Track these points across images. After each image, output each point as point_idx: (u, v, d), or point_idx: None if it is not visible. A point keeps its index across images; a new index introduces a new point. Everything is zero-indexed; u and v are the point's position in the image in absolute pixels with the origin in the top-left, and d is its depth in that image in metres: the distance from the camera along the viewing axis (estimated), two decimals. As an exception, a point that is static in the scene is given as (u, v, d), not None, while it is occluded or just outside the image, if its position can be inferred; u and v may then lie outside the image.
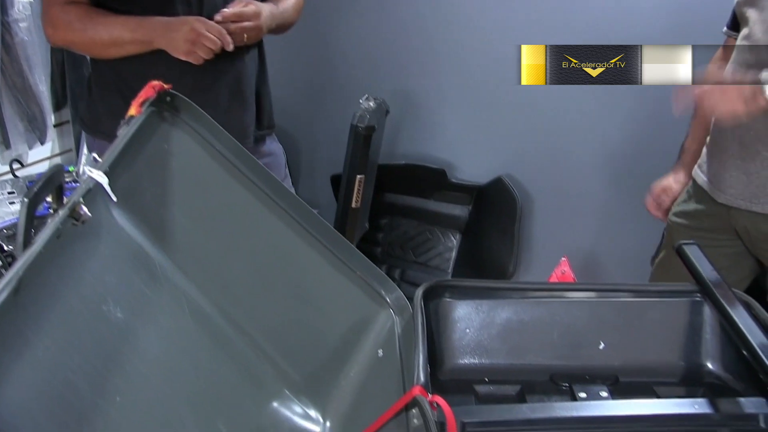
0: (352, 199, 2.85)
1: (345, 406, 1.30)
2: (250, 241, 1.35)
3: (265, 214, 1.34)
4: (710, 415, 1.18)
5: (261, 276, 1.34)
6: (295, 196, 1.36)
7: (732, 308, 1.26)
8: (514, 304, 1.39)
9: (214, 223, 1.31)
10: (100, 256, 1.05)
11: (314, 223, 1.37)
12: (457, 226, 3.19)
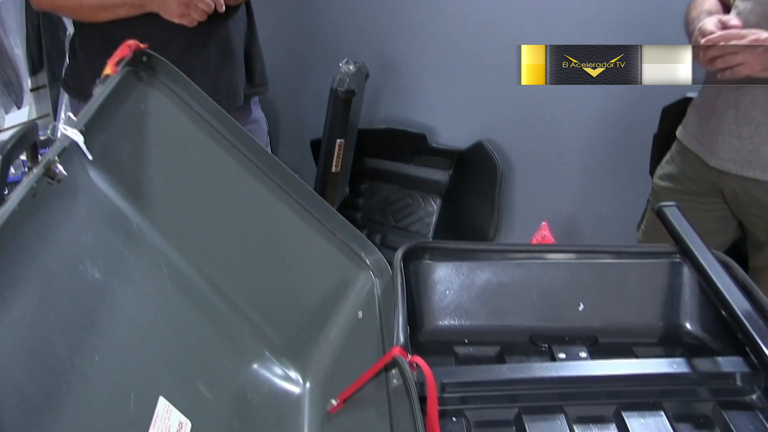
0: (332, 164, 2.84)
1: (325, 368, 1.30)
2: (229, 203, 1.34)
3: (244, 176, 1.33)
4: (688, 374, 1.19)
5: (240, 238, 1.33)
6: (274, 158, 1.35)
7: (711, 269, 1.27)
8: (493, 266, 1.39)
9: (193, 185, 1.30)
10: (76, 216, 1.04)
11: (294, 186, 1.36)
12: (437, 191, 3.18)
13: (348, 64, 2.83)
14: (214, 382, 1.11)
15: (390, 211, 3.25)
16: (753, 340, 1.12)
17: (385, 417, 1.09)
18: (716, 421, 1.16)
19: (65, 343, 0.87)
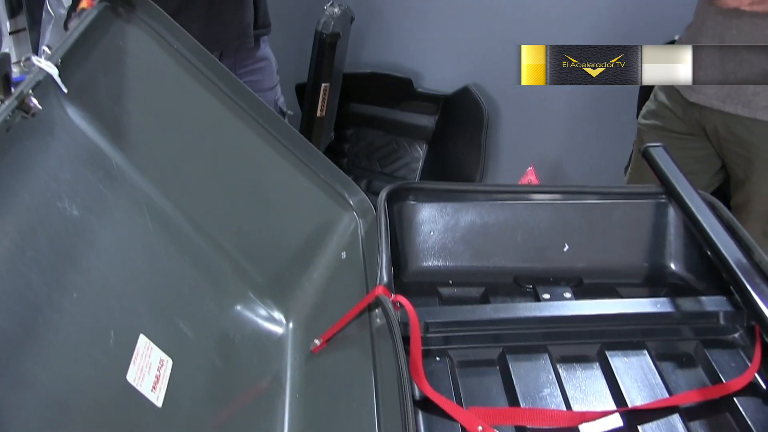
0: (317, 108, 2.81)
1: (308, 308, 1.29)
2: (210, 142, 1.32)
3: (225, 115, 1.31)
4: (672, 313, 1.20)
5: (222, 177, 1.31)
6: (257, 99, 1.33)
7: (697, 209, 1.26)
8: (478, 207, 1.38)
9: (173, 123, 1.28)
10: (54, 153, 1.02)
11: (276, 126, 1.34)
12: (423, 137, 3.16)
13: (333, 7, 2.79)
14: (195, 321, 1.10)
15: (376, 157, 3.23)
16: (737, 279, 1.12)
17: (368, 356, 1.08)
18: (699, 360, 1.17)
19: (42, 279, 0.85)
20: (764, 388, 1.10)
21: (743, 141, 1.88)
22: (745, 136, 1.88)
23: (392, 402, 0.95)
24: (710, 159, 2.03)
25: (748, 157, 1.90)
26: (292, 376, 1.18)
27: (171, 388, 0.95)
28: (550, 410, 1.06)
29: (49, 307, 0.85)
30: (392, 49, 3.13)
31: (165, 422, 0.93)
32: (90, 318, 0.90)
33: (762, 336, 1.11)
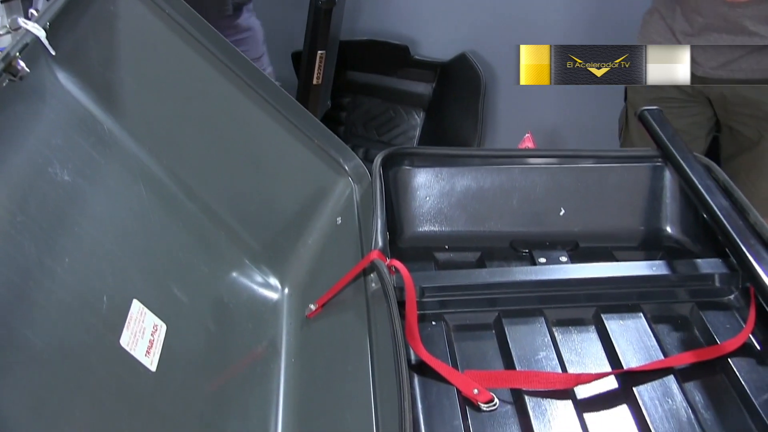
0: (314, 76, 2.79)
1: (303, 274, 1.29)
2: (204, 108, 1.30)
3: (218, 80, 1.30)
4: (667, 276, 1.19)
5: (216, 143, 1.30)
6: (250, 64, 1.32)
7: (693, 172, 1.26)
8: (474, 172, 1.37)
9: (166, 89, 1.26)
10: (44, 119, 1.01)
11: (270, 91, 1.33)
12: (420, 104, 3.14)
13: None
14: (190, 287, 1.09)
15: (373, 125, 3.22)
16: (732, 241, 1.12)
17: (363, 321, 1.08)
18: (694, 322, 1.17)
19: (33, 244, 0.85)
20: (758, 348, 1.10)
21: (754, 102, 1.87)
22: (755, 96, 1.86)
23: (387, 366, 0.95)
24: (707, 122, 2.01)
25: (761, 116, 1.88)
26: (287, 342, 1.18)
27: (165, 353, 0.95)
28: (545, 373, 1.06)
29: (41, 272, 0.84)
30: (389, 16, 3.10)
31: (159, 386, 0.93)
32: (82, 283, 0.90)
33: (756, 297, 1.11)
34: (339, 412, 1.00)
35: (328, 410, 1.03)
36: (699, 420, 0.99)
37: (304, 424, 1.03)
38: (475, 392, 1.02)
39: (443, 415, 0.99)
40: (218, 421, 1.00)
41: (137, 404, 0.89)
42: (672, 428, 0.97)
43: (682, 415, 0.99)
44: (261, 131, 1.34)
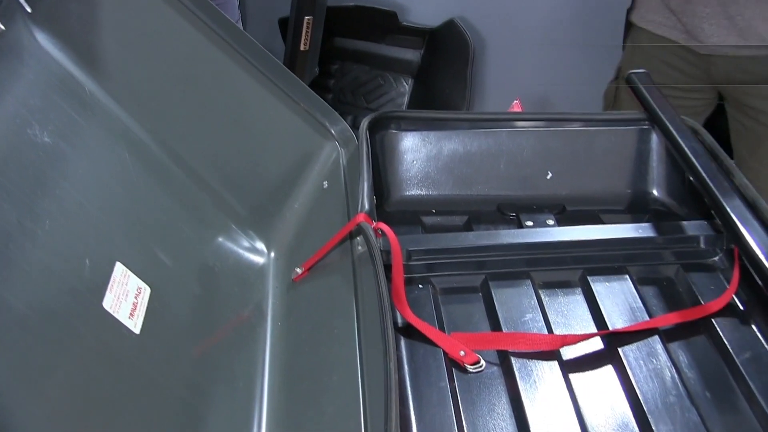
0: (301, 42, 2.77)
1: (290, 237, 1.28)
2: (188, 71, 1.29)
3: (203, 43, 1.28)
4: (653, 238, 1.20)
5: (201, 107, 1.29)
6: (234, 25, 1.30)
7: (679, 134, 1.26)
8: (461, 135, 1.37)
9: (150, 51, 1.25)
10: (22, 78, 0.99)
11: (255, 54, 1.31)
12: (409, 71, 3.13)
13: (315, -62, 2.74)
14: (174, 250, 1.09)
15: (361, 92, 3.20)
16: (718, 203, 1.12)
17: (349, 284, 1.08)
18: (679, 283, 1.17)
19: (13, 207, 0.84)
20: (741, 308, 1.11)
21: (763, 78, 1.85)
22: (763, 73, 1.84)
23: (374, 328, 0.95)
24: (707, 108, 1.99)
25: None
26: (273, 305, 1.18)
27: (149, 316, 0.95)
28: (531, 334, 1.06)
29: (22, 234, 0.84)
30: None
31: (143, 349, 0.92)
32: (64, 246, 0.89)
33: (740, 258, 1.12)
34: (325, 374, 1.00)
35: (315, 373, 1.03)
36: (683, 379, 1.00)
37: (290, 387, 1.03)
38: (462, 354, 1.02)
39: (429, 376, 0.99)
40: (204, 384, 1.00)
41: (121, 366, 0.89)
42: (656, 387, 0.98)
43: (666, 375, 1.00)
44: (247, 95, 1.32)
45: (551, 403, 0.97)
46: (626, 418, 0.95)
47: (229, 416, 0.99)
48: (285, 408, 1.01)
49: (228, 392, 1.02)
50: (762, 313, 1.08)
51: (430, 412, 0.94)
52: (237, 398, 1.02)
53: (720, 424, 0.94)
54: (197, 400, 0.98)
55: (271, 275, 1.23)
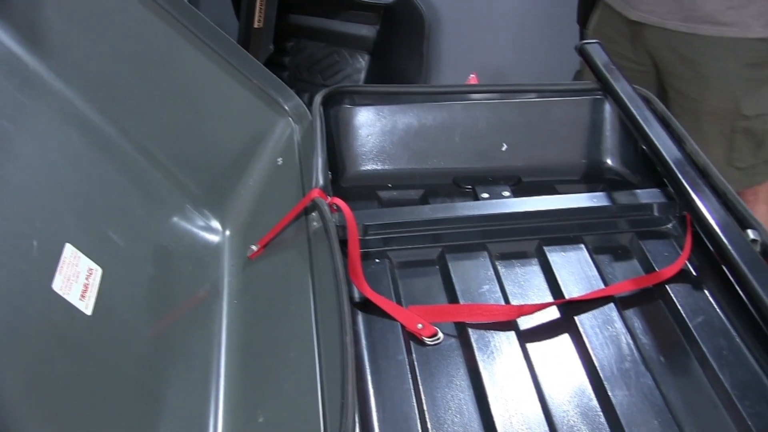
0: (254, 19, 2.74)
1: (245, 215, 1.27)
2: (138, 49, 1.26)
3: (153, 20, 1.26)
4: (608, 207, 1.21)
5: (151, 85, 1.27)
6: (185, 2, 1.28)
7: (632, 103, 1.27)
8: (415, 109, 1.36)
9: (97, 29, 1.22)
10: (-39, 60, 0.97)
11: (205, 30, 1.29)
12: (365, 47, 3.11)
13: None
14: (126, 230, 1.07)
15: (317, 69, 3.18)
16: (670, 170, 1.13)
17: (305, 260, 1.08)
18: (633, 251, 1.19)
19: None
20: (694, 274, 1.12)
21: (691, 61, 1.86)
22: (690, 55, 1.85)
23: (329, 303, 0.94)
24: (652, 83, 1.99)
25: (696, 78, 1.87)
26: (229, 283, 1.17)
27: (102, 297, 0.93)
28: (488, 305, 1.07)
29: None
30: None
31: (96, 330, 0.91)
32: (8, 228, 0.87)
33: (693, 225, 1.13)
34: (282, 350, 1.00)
35: (272, 349, 1.02)
36: (638, 345, 1.01)
37: (247, 364, 1.03)
38: (419, 327, 1.02)
39: (387, 350, 0.99)
40: (160, 364, 0.99)
41: (73, 348, 0.87)
42: (612, 354, 0.99)
43: (622, 341, 1.01)
44: (199, 73, 1.31)
45: (509, 373, 0.97)
46: (583, 386, 0.96)
47: (186, 395, 0.99)
48: (242, 385, 1.00)
49: (184, 371, 1.01)
50: (714, 278, 1.10)
51: (388, 386, 0.94)
52: (194, 377, 1.01)
53: (674, 387, 0.96)
54: (153, 380, 0.97)
55: (226, 253, 1.22)
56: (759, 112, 1.83)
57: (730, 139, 1.85)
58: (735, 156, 1.86)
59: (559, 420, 0.91)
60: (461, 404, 0.93)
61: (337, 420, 0.78)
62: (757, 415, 0.91)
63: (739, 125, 1.84)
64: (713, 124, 1.86)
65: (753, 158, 1.87)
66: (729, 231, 1.01)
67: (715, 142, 1.85)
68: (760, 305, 0.91)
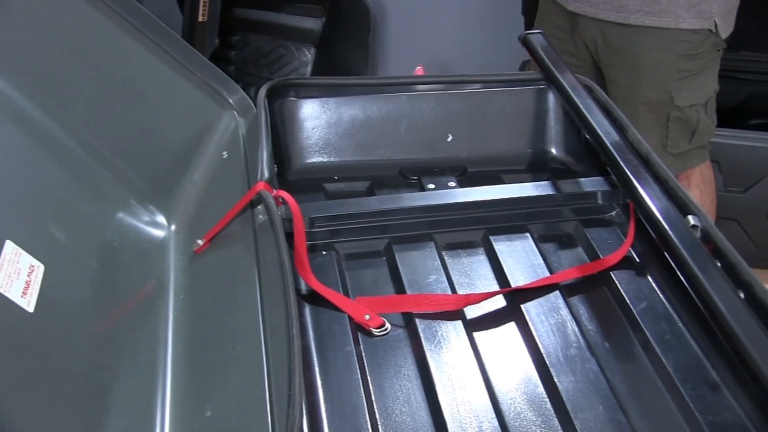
0: (198, 13, 2.71)
1: (191, 210, 1.26)
2: (79, 44, 1.24)
3: (95, 15, 1.23)
4: (552, 195, 1.22)
5: (94, 80, 1.25)
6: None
7: (575, 92, 1.28)
8: (360, 101, 1.36)
9: (37, 24, 1.19)
10: None
11: (150, 25, 1.28)
12: (311, 40, 3.10)
13: None
14: (70, 227, 1.06)
15: (263, 63, 3.16)
16: (612, 158, 1.14)
17: (251, 253, 1.07)
18: (578, 239, 1.20)
19: None
20: (637, 261, 1.14)
21: (623, 52, 1.88)
22: (622, 45, 1.88)
23: (276, 296, 0.94)
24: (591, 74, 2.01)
25: (630, 69, 1.90)
26: (175, 278, 1.16)
27: (44, 294, 0.92)
28: (435, 295, 1.07)
29: None
30: (274, -51, 3.03)
31: (39, 327, 0.90)
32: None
33: (635, 212, 1.15)
34: (229, 343, 0.99)
35: (218, 342, 1.02)
36: (583, 331, 1.02)
37: (194, 358, 1.02)
38: (367, 318, 1.02)
39: (335, 341, 0.99)
40: (106, 360, 0.98)
41: (15, 346, 0.86)
42: (557, 341, 1.00)
43: (567, 328, 1.02)
44: (142, 67, 1.29)
45: (456, 362, 0.98)
46: (529, 373, 0.97)
47: (133, 390, 0.98)
48: (189, 378, 1.00)
49: (131, 367, 1.00)
50: (656, 264, 1.11)
51: (336, 377, 0.94)
52: (140, 372, 1.00)
53: (618, 372, 0.97)
54: (99, 376, 0.96)
55: (172, 248, 1.21)
56: (691, 103, 1.87)
57: (665, 127, 1.89)
58: (670, 143, 1.90)
59: (506, 407, 0.92)
60: (409, 394, 0.94)
61: (285, 412, 0.78)
62: (699, 397, 0.93)
63: (673, 114, 1.87)
64: (648, 114, 1.89)
65: (687, 144, 1.91)
66: (670, 218, 1.02)
67: (651, 130, 1.88)
68: (700, 290, 0.93)
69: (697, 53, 1.84)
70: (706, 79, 1.88)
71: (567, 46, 1.99)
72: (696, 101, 1.87)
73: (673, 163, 1.88)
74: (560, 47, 1.93)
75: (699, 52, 1.84)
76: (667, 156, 1.87)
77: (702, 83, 1.88)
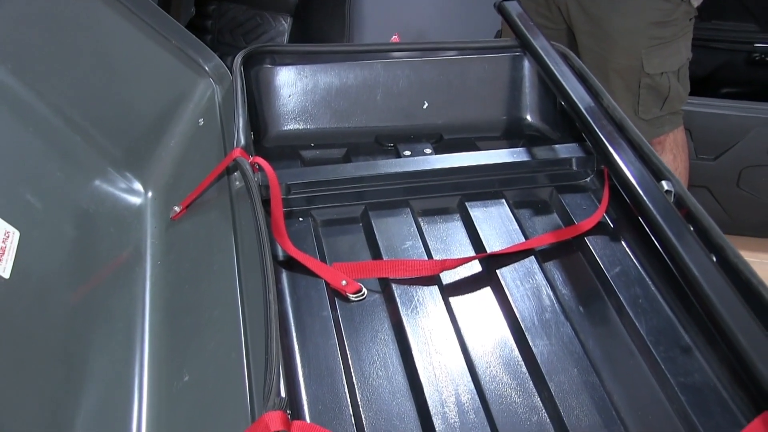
0: (174, -20, 2.69)
1: (167, 177, 1.26)
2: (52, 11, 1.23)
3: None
4: (528, 162, 1.23)
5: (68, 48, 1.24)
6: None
7: (550, 59, 1.28)
8: (337, 68, 1.36)
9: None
10: None
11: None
12: (287, 9, 3.07)
13: None
14: (46, 194, 1.05)
15: (240, 32, 3.13)
16: (587, 125, 1.15)
17: (228, 219, 1.07)
18: (553, 205, 1.21)
19: None
20: (611, 226, 1.15)
21: (598, 18, 1.88)
22: (595, 11, 1.88)
23: (253, 262, 0.94)
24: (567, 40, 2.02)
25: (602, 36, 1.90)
26: (152, 245, 1.15)
27: (20, 260, 0.92)
28: (411, 261, 1.08)
29: None
30: None
31: (15, 292, 0.89)
32: None
33: (610, 178, 1.15)
34: (206, 309, 1.00)
35: (195, 309, 1.02)
36: (557, 296, 1.03)
37: (172, 324, 1.02)
38: (344, 283, 1.03)
39: (312, 307, 1.00)
40: (82, 327, 0.98)
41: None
42: (532, 305, 1.01)
43: (542, 293, 1.03)
44: (117, 33, 1.28)
45: (432, 326, 0.99)
46: (505, 337, 0.98)
47: (110, 357, 0.98)
48: (167, 345, 1.00)
49: (108, 333, 1.00)
50: (630, 229, 1.13)
51: (313, 342, 0.95)
52: (117, 339, 1.00)
53: (592, 335, 0.99)
54: (76, 343, 0.96)
55: (149, 215, 1.21)
56: (662, 70, 1.88)
57: (635, 93, 1.90)
58: (641, 109, 1.91)
59: (481, 371, 0.93)
60: (386, 358, 0.94)
61: (262, 376, 0.78)
62: (671, 359, 0.94)
63: (644, 81, 1.88)
64: (620, 80, 1.90)
65: (659, 110, 1.92)
66: (644, 183, 1.03)
67: (623, 96, 1.90)
68: (674, 254, 0.94)
69: (669, 21, 1.85)
70: (678, 47, 1.89)
71: (541, 8, 1.99)
72: (667, 68, 1.88)
73: (647, 129, 1.89)
74: (534, 10, 1.94)
75: (671, 19, 1.85)
76: (640, 122, 1.88)
77: (674, 51, 1.88)
